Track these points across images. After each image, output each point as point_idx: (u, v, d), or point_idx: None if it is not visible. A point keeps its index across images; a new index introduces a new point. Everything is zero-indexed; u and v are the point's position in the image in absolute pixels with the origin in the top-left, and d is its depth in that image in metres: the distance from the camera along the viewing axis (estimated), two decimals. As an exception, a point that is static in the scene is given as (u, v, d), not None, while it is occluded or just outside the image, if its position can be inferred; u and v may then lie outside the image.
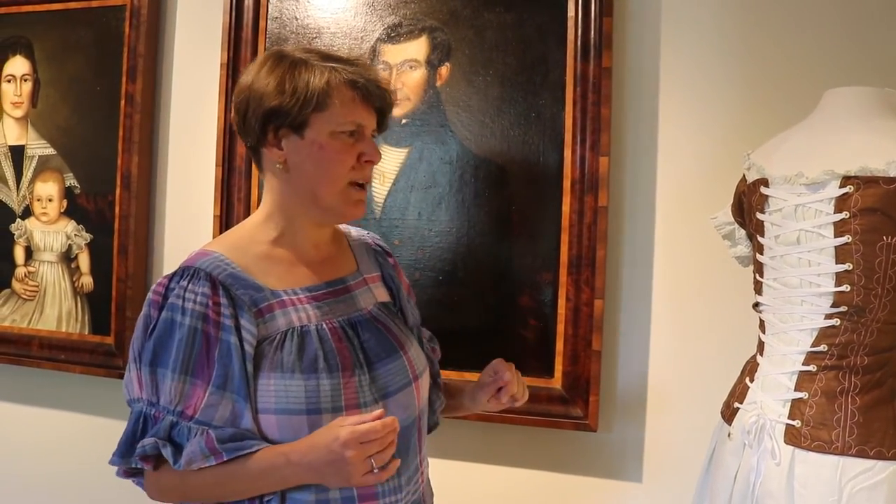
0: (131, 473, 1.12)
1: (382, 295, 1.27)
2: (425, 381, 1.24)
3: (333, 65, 1.10)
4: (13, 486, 2.24)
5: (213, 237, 1.83)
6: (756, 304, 1.39)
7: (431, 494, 1.30)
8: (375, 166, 1.18)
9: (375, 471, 1.01)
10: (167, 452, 1.03)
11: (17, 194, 2.18)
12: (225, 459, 1.02)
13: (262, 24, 1.94)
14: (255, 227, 1.17)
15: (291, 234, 1.16)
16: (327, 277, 1.18)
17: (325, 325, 1.11)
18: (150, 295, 1.08)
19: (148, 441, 1.04)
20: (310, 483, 1.05)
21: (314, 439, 1.03)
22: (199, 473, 1.04)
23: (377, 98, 1.14)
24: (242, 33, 1.94)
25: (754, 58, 1.68)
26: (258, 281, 1.10)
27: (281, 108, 1.09)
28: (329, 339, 1.10)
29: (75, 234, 2.11)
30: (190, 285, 1.06)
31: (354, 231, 1.34)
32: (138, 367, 1.06)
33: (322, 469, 1.01)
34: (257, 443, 1.05)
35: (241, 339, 1.05)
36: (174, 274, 1.08)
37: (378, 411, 1.03)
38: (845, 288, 1.21)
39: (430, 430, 1.32)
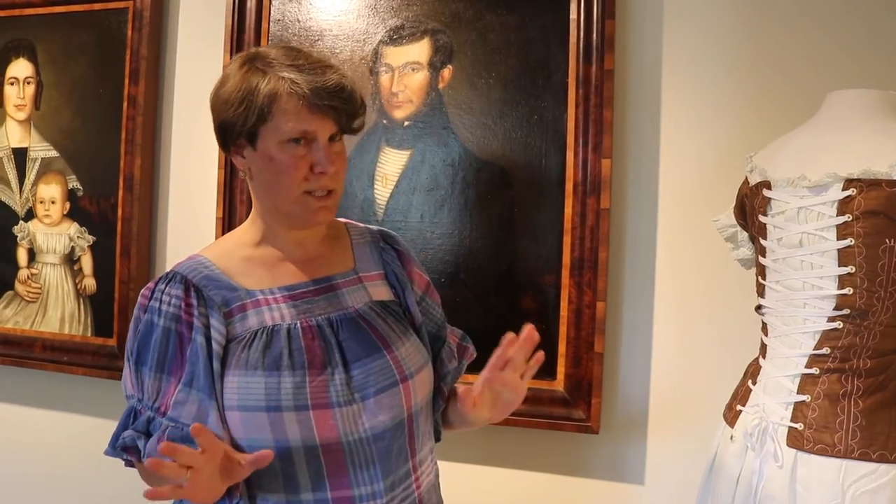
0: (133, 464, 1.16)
1: (381, 294, 1.23)
2: (420, 382, 1.19)
3: (285, 74, 1.07)
4: (16, 487, 2.24)
5: (216, 239, 1.83)
6: (758, 307, 1.39)
7: (439, 503, 1.24)
8: (378, 168, 1.17)
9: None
10: (141, 444, 1.07)
11: (20, 196, 2.18)
12: None
13: (264, 26, 1.94)
14: (244, 231, 1.20)
15: (273, 236, 1.17)
16: (314, 275, 1.18)
17: (298, 324, 1.11)
18: (139, 298, 1.13)
19: (127, 433, 1.08)
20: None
21: None
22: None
23: (327, 107, 1.08)
24: (245, 36, 1.95)
25: (756, 60, 1.67)
26: (235, 282, 1.12)
27: (229, 121, 1.11)
28: (299, 338, 1.09)
29: (78, 237, 2.11)
30: (167, 288, 1.10)
31: (361, 227, 1.31)
32: (129, 366, 1.11)
33: None
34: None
35: (208, 339, 1.07)
36: (160, 278, 1.13)
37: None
38: (848, 291, 1.21)
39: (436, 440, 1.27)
